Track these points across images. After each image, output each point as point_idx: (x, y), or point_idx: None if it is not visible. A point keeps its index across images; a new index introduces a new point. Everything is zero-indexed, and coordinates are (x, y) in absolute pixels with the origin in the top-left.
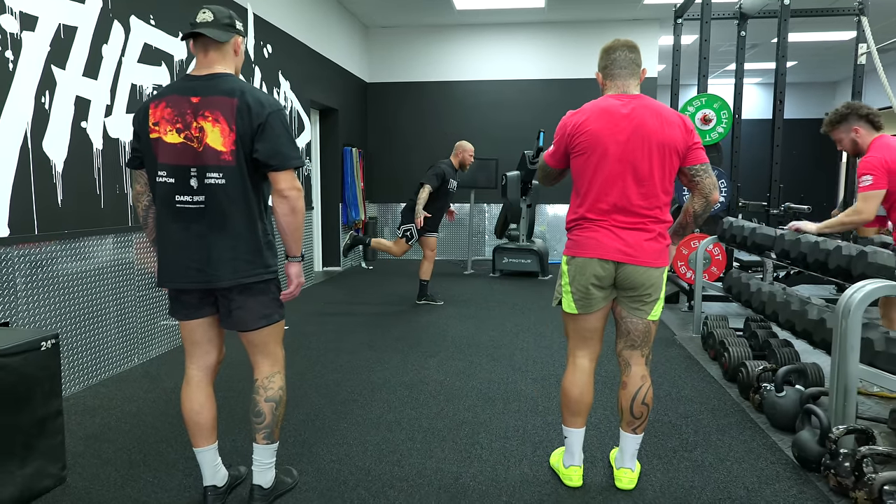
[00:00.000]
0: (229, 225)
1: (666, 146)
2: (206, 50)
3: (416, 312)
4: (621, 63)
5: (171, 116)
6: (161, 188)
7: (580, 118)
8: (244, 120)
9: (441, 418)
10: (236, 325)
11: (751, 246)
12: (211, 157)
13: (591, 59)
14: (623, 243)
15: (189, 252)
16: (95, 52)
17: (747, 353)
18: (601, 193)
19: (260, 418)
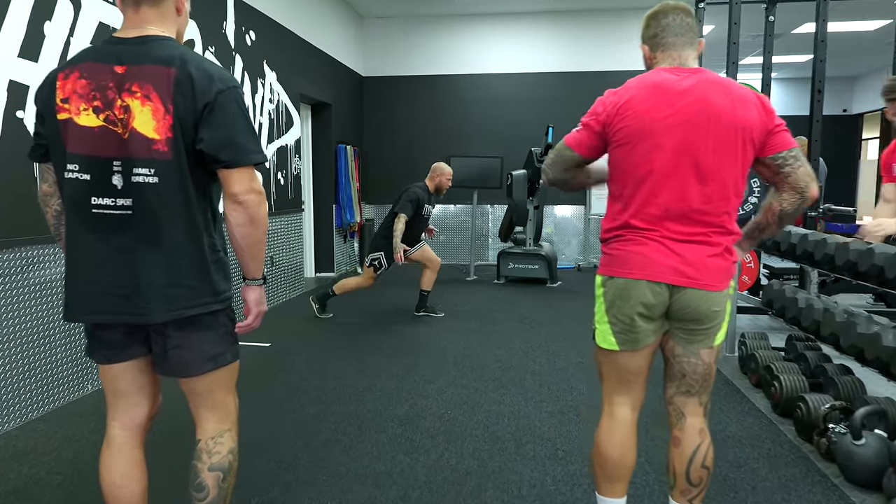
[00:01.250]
0: (164, 238)
1: (739, 131)
2: (137, 4)
3: (414, 326)
4: (676, 29)
5: (86, 91)
6: (72, 187)
7: (624, 96)
8: (185, 97)
9: (440, 468)
10: (174, 371)
11: (801, 255)
12: (139, 146)
13: (601, 50)
14: (680, 260)
15: (109, 273)
16: (35, 29)
17: (803, 384)
18: (651, 195)
19: (202, 493)
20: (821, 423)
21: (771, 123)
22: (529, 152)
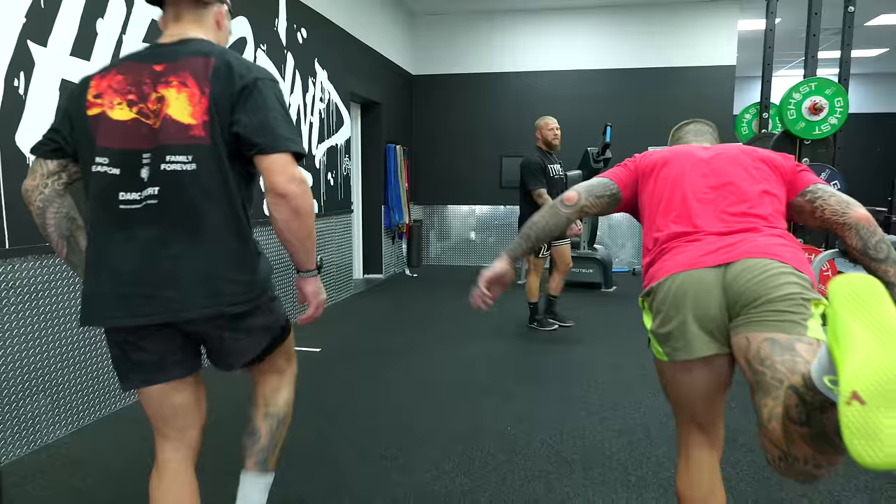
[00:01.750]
0: (202, 228)
1: (762, 160)
2: (178, 15)
3: (465, 333)
4: (696, 132)
5: (121, 86)
6: (98, 182)
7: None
8: (221, 80)
9: (505, 491)
10: (230, 364)
11: None
12: (175, 133)
13: (660, 45)
14: (726, 242)
15: (136, 270)
16: (88, 27)
17: None
18: (685, 206)
19: (254, 438)
20: None
21: (792, 163)
22: (585, 152)
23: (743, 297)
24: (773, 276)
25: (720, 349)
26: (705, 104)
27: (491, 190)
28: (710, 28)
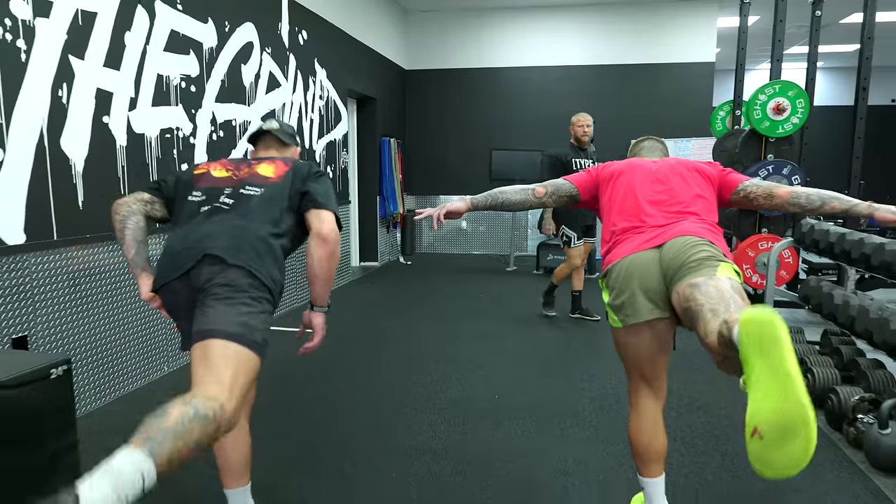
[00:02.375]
0: (249, 223)
1: (695, 170)
2: (267, 146)
3: (454, 314)
4: (649, 149)
5: (224, 163)
6: (189, 206)
7: (612, 164)
8: (299, 167)
9: (492, 445)
10: (203, 325)
11: (839, 253)
12: (256, 180)
13: (643, 42)
14: (661, 230)
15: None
16: (117, 40)
17: (835, 377)
18: (634, 205)
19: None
20: (850, 413)
21: (718, 168)
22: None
23: (673, 265)
24: (692, 247)
25: (661, 314)
26: (686, 99)
27: (481, 182)
28: (690, 26)
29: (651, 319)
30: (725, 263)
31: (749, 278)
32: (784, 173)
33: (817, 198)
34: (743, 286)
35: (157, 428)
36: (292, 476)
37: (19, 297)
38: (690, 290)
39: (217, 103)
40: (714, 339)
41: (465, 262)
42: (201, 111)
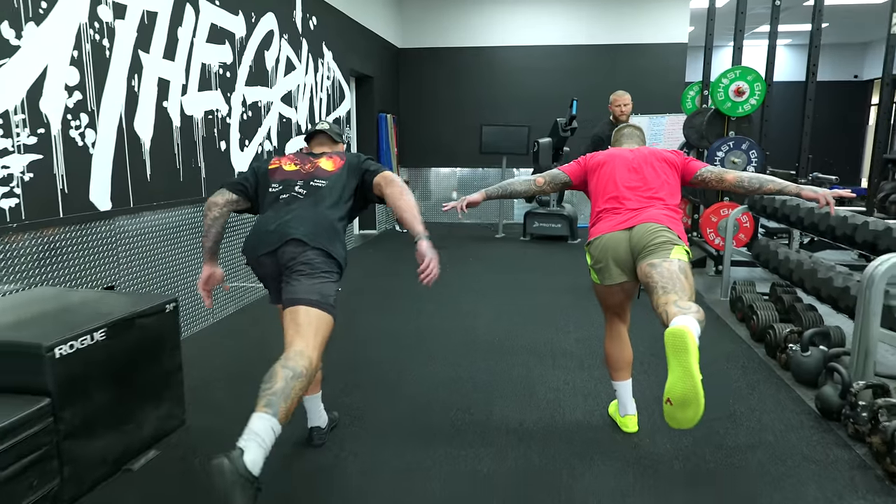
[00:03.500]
0: (320, 211)
1: (663, 160)
2: (321, 143)
3: (449, 273)
4: (628, 136)
5: (291, 159)
6: (270, 195)
7: (597, 154)
8: (350, 162)
9: (498, 373)
10: (290, 293)
11: (780, 217)
12: (320, 173)
13: (622, 24)
14: (632, 214)
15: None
16: (172, 34)
17: (774, 317)
18: (615, 190)
19: (269, 383)
20: (783, 343)
21: (681, 158)
22: (554, 122)
23: (638, 245)
24: (653, 233)
25: (628, 278)
26: (660, 77)
27: (471, 154)
28: (664, 9)
29: (620, 282)
30: (678, 247)
31: (712, 241)
32: (743, 148)
33: (756, 181)
34: (690, 263)
35: (271, 392)
36: (351, 392)
37: (108, 253)
38: (649, 269)
39: (246, 87)
40: (659, 315)
41: (457, 230)
42: (234, 94)
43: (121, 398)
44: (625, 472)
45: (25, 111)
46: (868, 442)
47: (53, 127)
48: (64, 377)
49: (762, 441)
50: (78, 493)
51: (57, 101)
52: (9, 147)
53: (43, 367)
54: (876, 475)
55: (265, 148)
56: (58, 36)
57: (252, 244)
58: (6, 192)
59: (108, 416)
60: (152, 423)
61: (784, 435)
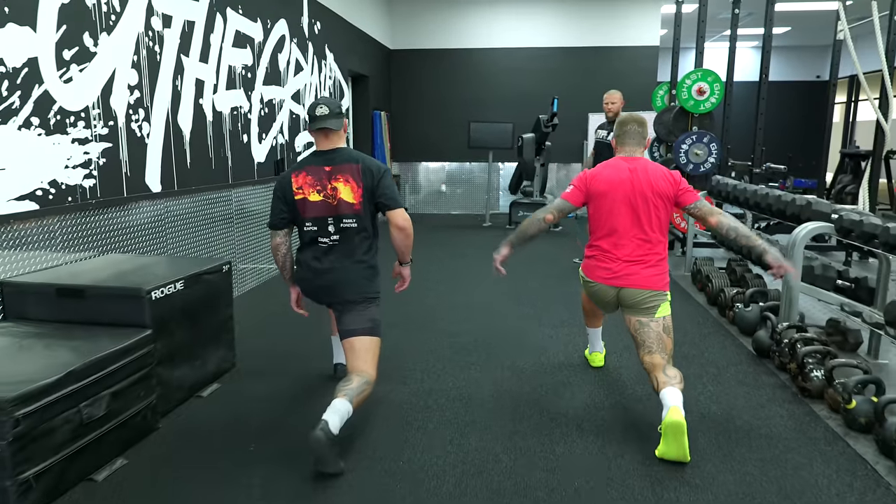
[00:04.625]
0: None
1: (659, 195)
2: (327, 135)
3: (440, 257)
4: (632, 136)
5: (311, 182)
6: (307, 234)
7: (597, 173)
8: (367, 178)
9: (492, 329)
10: (347, 327)
11: (733, 200)
12: (345, 208)
13: (599, 28)
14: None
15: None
16: (206, 40)
17: (726, 283)
18: (613, 230)
19: (347, 382)
20: (730, 302)
21: (677, 188)
22: (537, 119)
23: (627, 303)
24: (642, 300)
25: (609, 312)
26: (634, 77)
27: (460, 149)
28: (638, 15)
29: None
30: (663, 305)
31: (678, 224)
32: (704, 142)
33: (733, 233)
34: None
35: (349, 388)
36: None
37: (158, 228)
38: (637, 325)
39: (264, 86)
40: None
41: (447, 220)
42: (254, 93)
43: (193, 338)
44: (597, 393)
45: (100, 107)
46: (788, 368)
47: (120, 120)
48: (157, 316)
49: (707, 372)
50: (166, 409)
51: (122, 99)
52: (89, 136)
53: (144, 306)
54: (792, 392)
55: (279, 141)
56: (123, 43)
57: (302, 283)
58: (87, 174)
59: (185, 351)
60: (214, 362)
61: (725, 368)
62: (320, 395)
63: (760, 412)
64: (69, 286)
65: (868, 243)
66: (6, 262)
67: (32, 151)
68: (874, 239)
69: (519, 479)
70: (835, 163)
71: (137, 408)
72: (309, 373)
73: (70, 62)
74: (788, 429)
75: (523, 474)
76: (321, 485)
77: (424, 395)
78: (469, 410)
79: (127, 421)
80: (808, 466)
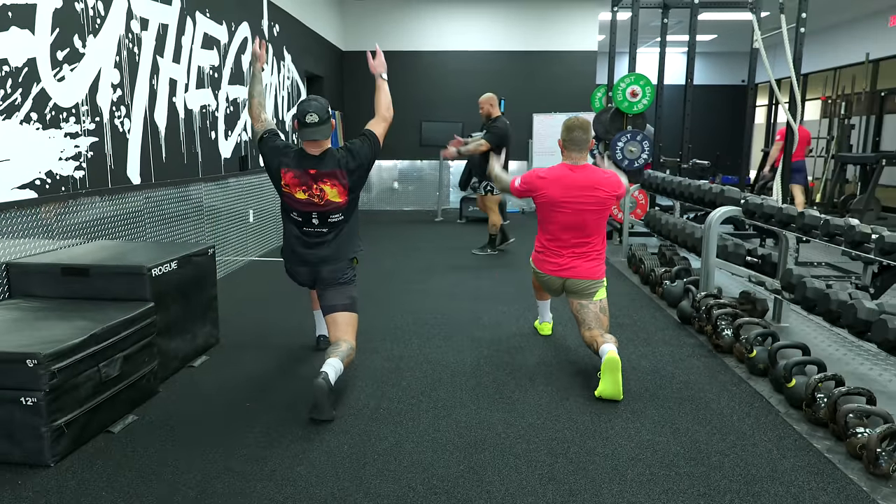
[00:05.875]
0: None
1: (602, 204)
2: (315, 140)
3: (397, 250)
4: (577, 142)
5: (297, 182)
6: (293, 222)
7: (545, 179)
8: (351, 172)
9: (450, 308)
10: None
11: (662, 191)
12: (333, 206)
13: (542, 33)
14: (570, 263)
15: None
16: (178, 42)
17: (656, 264)
18: (558, 237)
19: (337, 346)
20: (659, 280)
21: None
22: None
23: (571, 290)
24: (585, 287)
25: (555, 296)
26: (573, 80)
27: (412, 148)
28: (577, 21)
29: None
30: (600, 290)
31: (616, 215)
32: (637, 140)
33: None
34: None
35: (339, 350)
36: None
37: (138, 218)
38: (579, 307)
39: (229, 85)
40: (586, 342)
41: (400, 215)
42: (220, 92)
43: (184, 314)
44: (545, 354)
45: (88, 104)
46: (705, 330)
47: (104, 116)
48: (156, 291)
49: (638, 337)
50: (164, 376)
51: (106, 96)
52: (78, 131)
53: (145, 282)
54: (708, 349)
55: (243, 139)
56: (107, 44)
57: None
58: (77, 166)
59: (178, 325)
60: (202, 337)
61: (653, 333)
62: (305, 362)
63: (681, 364)
64: (75, 265)
65: (767, 222)
66: (9, 246)
67: (32, 144)
68: (772, 218)
69: (482, 418)
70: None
71: (142, 372)
72: (290, 346)
73: (63, 62)
74: (703, 376)
75: (486, 415)
76: (316, 429)
77: (395, 360)
78: (435, 370)
79: (135, 382)
80: (717, 401)
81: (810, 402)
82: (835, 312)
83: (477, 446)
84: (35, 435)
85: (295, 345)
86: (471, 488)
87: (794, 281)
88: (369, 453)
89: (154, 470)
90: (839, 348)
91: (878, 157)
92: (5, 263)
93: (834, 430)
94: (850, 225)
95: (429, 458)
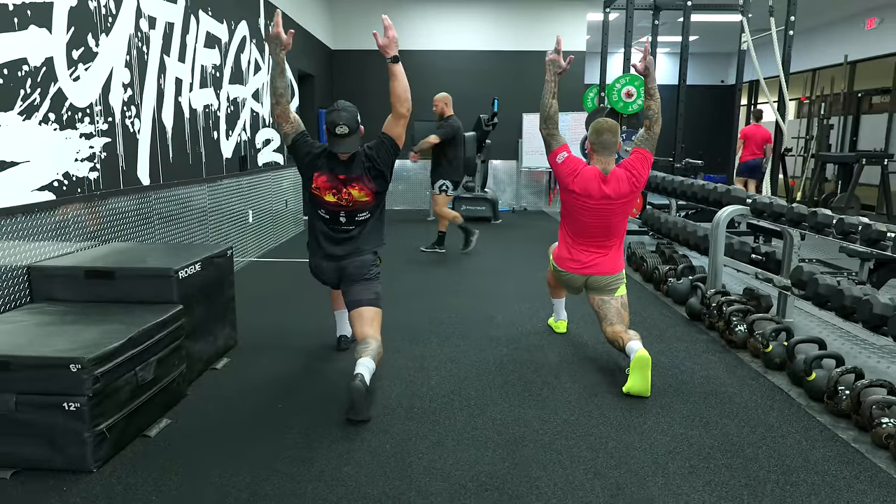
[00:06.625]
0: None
1: (629, 201)
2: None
3: (398, 249)
4: (606, 144)
5: (327, 185)
6: (320, 218)
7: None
8: (375, 178)
9: (464, 308)
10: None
11: (661, 190)
12: (360, 205)
13: (529, 33)
14: (592, 261)
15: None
16: (183, 41)
17: (659, 262)
18: (583, 231)
19: (366, 344)
20: (664, 277)
21: (642, 183)
22: (478, 118)
23: (593, 287)
24: (607, 284)
25: (577, 293)
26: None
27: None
28: (565, 21)
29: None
30: (621, 286)
31: None
32: (633, 139)
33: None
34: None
35: (370, 349)
36: None
37: (146, 218)
38: (600, 302)
39: (230, 85)
40: (609, 338)
41: (391, 215)
42: (222, 91)
43: (207, 316)
44: (565, 351)
45: (101, 103)
46: (717, 327)
47: (116, 116)
48: (183, 293)
49: (651, 334)
50: (191, 378)
51: (118, 96)
52: (93, 131)
53: (173, 285)
54: (721, 345)
55: (242, 138)
56: (118, 44)
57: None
58: (91, 167)
59: (202, 327)
60: (222, 338)
61: (665, 330)
62: (328, 362)
63: (698, 360)
64: (100, 268)
65: (777, 221)
66: (29, 250)
67: (50, 145)
68: (782, 217)
69: (517, 415)
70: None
71: (173, 375)
72: (309, 346)
73: (78, 61)
74: (721, 371)
75: (519, 412)
76: (355, 429)
77: (419, 360)
78: (461, 369)
79: (167, 386)
80: (739, 395)
81: (832, 394)
82: (849, 308)
83: (517, 443)
84: (78, 440)
85: (313, 345)
86: (519, 484)
87: (805, 278)
88: (413, 452)
89: (202, 473)
90: (844, 343)
91: (859, 157)
92: (27, 266)
93: (857, 422)
94: (864, 223)
95: (472, 456)
